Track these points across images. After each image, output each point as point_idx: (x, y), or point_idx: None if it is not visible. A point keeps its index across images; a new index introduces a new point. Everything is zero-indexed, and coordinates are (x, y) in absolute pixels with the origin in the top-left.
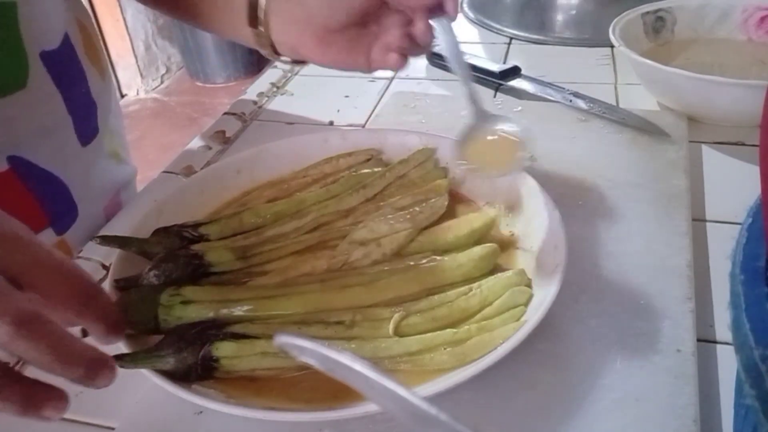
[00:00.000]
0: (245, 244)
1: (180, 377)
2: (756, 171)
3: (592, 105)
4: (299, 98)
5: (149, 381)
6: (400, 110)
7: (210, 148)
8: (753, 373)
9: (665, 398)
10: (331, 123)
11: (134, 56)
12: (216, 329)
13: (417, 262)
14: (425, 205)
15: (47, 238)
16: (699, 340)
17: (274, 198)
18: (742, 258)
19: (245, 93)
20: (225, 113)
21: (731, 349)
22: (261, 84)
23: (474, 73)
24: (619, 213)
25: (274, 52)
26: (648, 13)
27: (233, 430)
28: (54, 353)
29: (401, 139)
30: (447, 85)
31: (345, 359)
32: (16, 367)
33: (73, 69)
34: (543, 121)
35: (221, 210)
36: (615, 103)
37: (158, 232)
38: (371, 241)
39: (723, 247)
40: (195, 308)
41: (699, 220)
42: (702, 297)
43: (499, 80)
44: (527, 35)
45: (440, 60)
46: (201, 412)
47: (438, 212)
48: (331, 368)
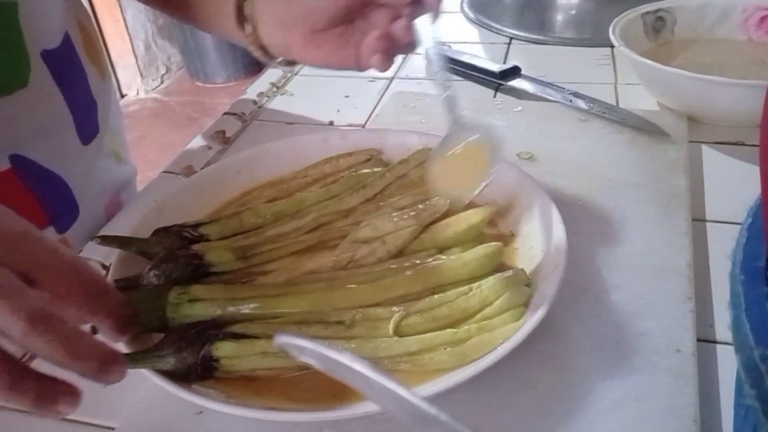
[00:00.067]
0: (245, 244)
1: (180, 377)
2: (756, 171)
3: (592, 105)
4: (299, 98)
5: (149, 381)
6: (400, 110)
7: (210, 148)
8: (753, 373)
9: (665, 398)
10: (331, 123)
11: (134, 56)
12: (216, 329)
13: (422, 261)
14: (428, 203)
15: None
16: (699, 340)
17: (274, 198)
18: (742, 258)
19: (245, 93)
20: (225, 113)
21: (731, 349)
22: (261, 84)
23: (474, 73)
24: (619, 213)
25: (266, 54)
26: (648, 13)
27: (233, 430)
28: (67, 349)
29: (401, 139)
30: None
31: (345, 359)
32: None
33: (74, 68)
34: (543, 121)
35: (221, 210)
36: (615, 103)
37: (158, 232)
38: (376, 239)
39: (723, 247)
40: (202, 306)
41: (699, 220)
42: (702, 297)
43: (499, 80)
44: (527, 35)
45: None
46: (201, 412)
47: (441, 210)
48: (331, 368)
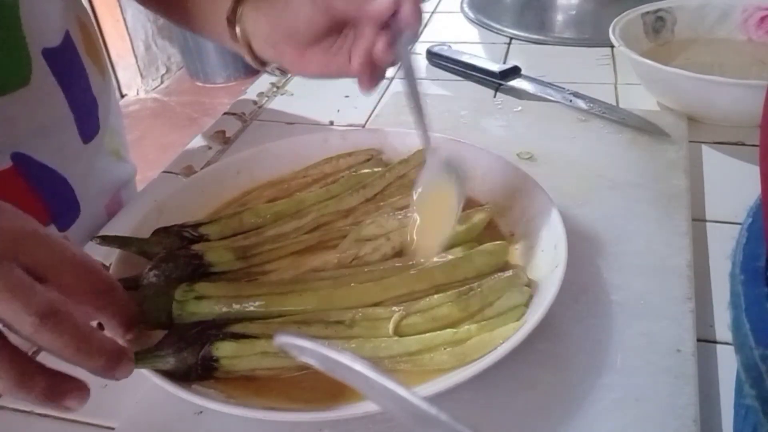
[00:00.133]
0: (245, 244)
1: (180, 377)
2: (756, 171)
3: (592, 105)
4: (299, 98)
5: (149, 381)
6: (400, 110)
7: (210, 148)
8: (753, 373)
9: (665, 398)
10: (331, 123)
11: (134, 56)
12: (216, 329)
13: (428, 259)
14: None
15: None
16: (699, 340)
17: (274, 198)
18: (742, 258)
19: (245, 93)
20: (225, 113)
21: (731, 349)
22: (261, 84)
23: (474, 73)
24: (619, 213)
25: (264, 65)
26: (648, 13)
27: (233, 430)
28: (76, 345)
29: (401, 139)
30: (447, 85)
31: (345, 359)
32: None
33: (75, 66)
34: (543, 121)
35: (221, 210)
36: (615, 103)
37: (158, 232)
38: (380, 236)
39: (723, 247)
40: (208, 304)
41: (699, 220)
42: (702, 297)
43: (499, 80)
44: (527, 35)
45: (440, 60)
46: (201, 412)
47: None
48: (331, 368)
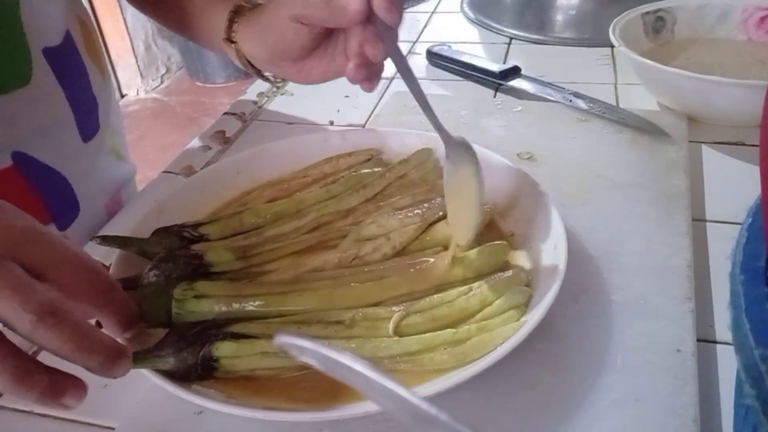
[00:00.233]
0: (245, 244)
1: (180, 377)
2: (756, 171)
3: (592, 105)
4: (299, 98)
5: (149, 381)
6: (400, 110)
7: (210, 148)
8: (753, 373)
9: (665, 398)
10: (331, 123)
11: (134, 56)
12: (216, 329)
13: (428, 258)
14: (433, 202)
15: None
16: (699, 340)
17: (274, 198)
18: (742, 258)
19: (245, 93)
20: (225, 113)
21: (731, 349)
22: (261, 84)
23: (474, 73)
24: (619, 213)
25: (260, 74)
26: (648, 13)
27: (233, 430)
28: (75, 342)
29: (401, 139)
30: (447, 85)
31: (345, 359)
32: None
33: (75, 66)
34: (543, 121)
35: (221, 210)
36: (615, 103)
37: (158, 232)
38: (380, 236)
39: (723, 247)
40: (207, 302)
41: (699, 220)
42: (702, 297)
43: (499, 80)
44: (527, 35)
45: (440, 60)
46: (201, 412)
47: (445, 209)
48: (331, 368)
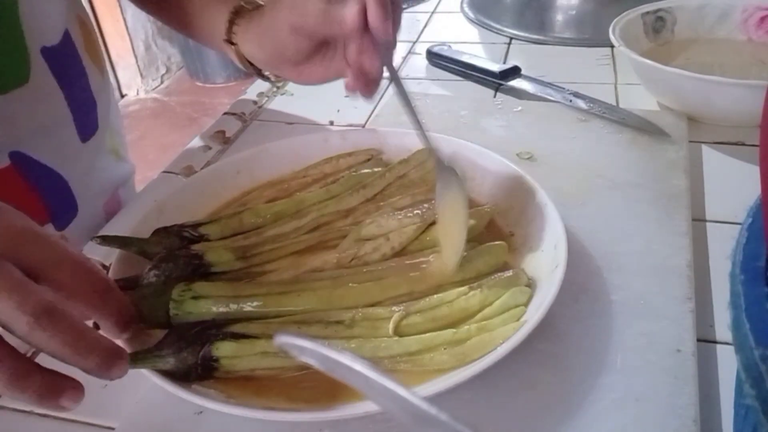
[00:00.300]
0: (245, 244)
1: (180, 377)
2: (756, 171)
3: (592, 105)
4: (299, 98)
5: (149, 381)
6: (400, 110)
7: (210, 148)
8: (753, 373)
9: (665, 398)
10: (331, 123)
11: (134, 56)
12: (216, 329)
13: (427, 258)
14: (433, 203)
15: None
16: (699, 340)
17: (274, 198)
18: (742, 258)
19: (245, 93)
20: (225, 113)
21: (731, 349)
22: (261, 84)
23: (474, 73)
24: (619, 213)
25: (260, 73)
26: (648, 13)
27: (233, 430)
28: (71, 344)
29: (401, 139)
30: (447, 85)
31: (345, 359)
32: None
33: (74, 65)
34: (543, 121)
35: (221, 210)
36: (615, 103)
37: (158, 232)
38: (380, 236)
39: (723, 247)
40: (205, 303)
41: (699, 220)
42: (702, 297)
43: (499, 80)
44: (527, 35)
45: (440, 60)
46: (201, 412)
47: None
48: (331, 368)
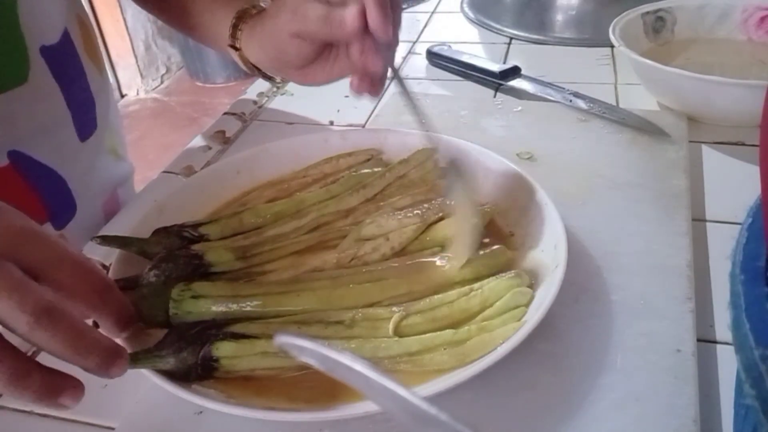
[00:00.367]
0: (245, 244)
1: (180, 377)
2: (756, 171)
3: (592, 105)
4: (299, 98)
5: (149, 381)
6: (400, 110)
7: (210, 148)
8: (753, 373)
9: (665, 398)
10: (331, 123)
11: (134, 56)
12: (216, 329)
13: (426, 259)
14: (433, 203)
15: None
16: (699, 340)
17: (274, 198)
18: (742, 258)
19: (245, 93)
20: (225, 113)
21: (731, 349)
22: (261, 84)
23: (474, 73)
24: (619, 213)
25: (265, 76)
26: (648, 13)
27: (233, 430)
28: (71, 343)
29: (401, 139)
30: (447, 85)
31: (345, 359)
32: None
33: (73, 65)
34: (543, 121)
35: (221, 210)
36: (615, 103)
37: (158, 232)
38: (379, 236)
39: (723, 247)
40: (205, 302)
41: (699, 220)
42: (702, 297)
43: (499, 80)
44: (527, 35)
45: (440, 60)
46: (201, 412)
47: (445, 210)
48: (331, 368)
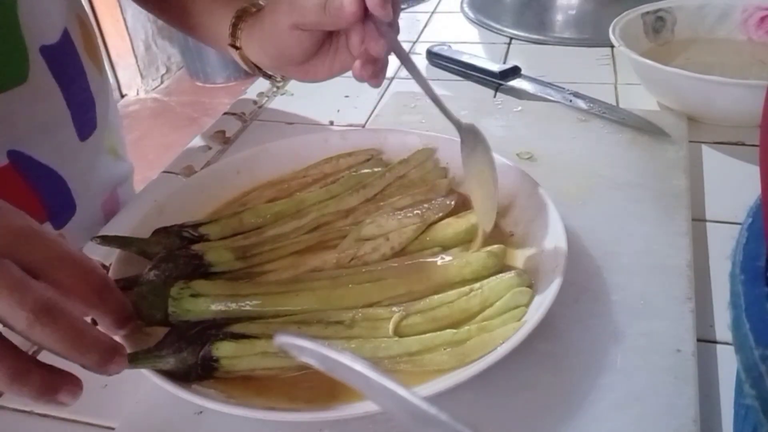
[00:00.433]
0: (245, 244)
1: (180, 377)
2: (756, 171)
3: (592, 105)
4: (299, 98)
5: (149, 381)
6: (400, 110)
7: (210, 148)
8: (753, 373)
9: (665, 398)
10: (331, 123)
11: (134, 56)
12: (216, 329)
13: (426, 259)
14: (433, 203)
15: None
16: (699, 340)
17: (274, 198)
18: (742, 258)
19: (245, 93)
20: (225, 113)
21: (731, 349)
22: (261, 84)
23: (474, 73)
24: (619, 213)
25: (266, 75)
26: (648, 13)
27: (233, 430)
28: (70, 341)
29: (401, 139)
30: (447, 85)
31: (345, 359)
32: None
33: (73, 64)
34: (543, 121)
35: (221, 210)
36: (615, 103)
37: (158, 232)
38: (379, 236)
39: (723, 247)
40: (204, 301)
41: (699, 220)
42: (702, 297)
43: (499, 80)
44: (527, 35)
45: (440, 60)
46: (201, 412)
47: (445, 210)
48: (331, 368)
